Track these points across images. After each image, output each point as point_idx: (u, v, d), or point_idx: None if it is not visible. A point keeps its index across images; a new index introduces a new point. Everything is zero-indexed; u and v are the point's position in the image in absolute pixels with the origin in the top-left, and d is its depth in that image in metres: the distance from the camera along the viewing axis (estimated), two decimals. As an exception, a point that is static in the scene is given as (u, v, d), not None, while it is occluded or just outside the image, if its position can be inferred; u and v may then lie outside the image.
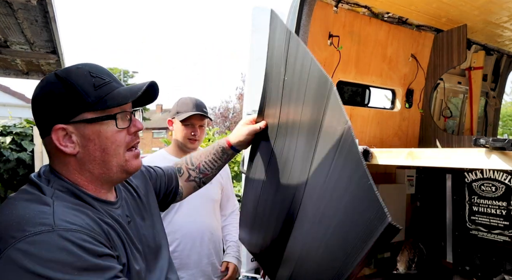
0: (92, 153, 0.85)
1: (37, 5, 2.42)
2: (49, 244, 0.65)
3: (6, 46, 3.40)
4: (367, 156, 2.16)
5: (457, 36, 2.95)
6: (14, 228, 0.66)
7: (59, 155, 0.85)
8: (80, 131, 0.84)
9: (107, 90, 0.86)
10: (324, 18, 2.55)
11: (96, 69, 0.88)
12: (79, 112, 0.83)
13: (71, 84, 0.83)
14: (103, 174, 0.87)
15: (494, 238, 2.40)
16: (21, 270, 0.61)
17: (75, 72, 0.86)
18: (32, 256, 0.63)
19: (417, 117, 3.26)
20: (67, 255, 0.64)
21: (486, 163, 1.66)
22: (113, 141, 0.86)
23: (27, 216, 0.69)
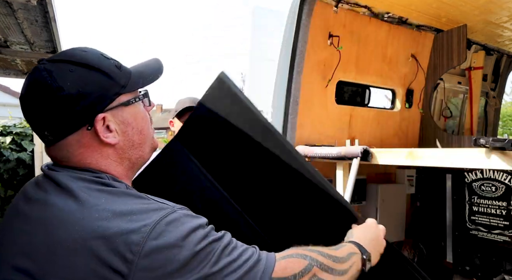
0: (131, 137, 0.79)
1: (37, 5, 2.41)
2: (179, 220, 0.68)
3: (6, 46, 3.39)
4: (367, 156, 2.16)
5: (457, 36, 2.95)
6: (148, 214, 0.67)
7: (94, 151, 0.75)
8: (119, 116, 0.76)
9: (127, 70, 0.80)
10: (324, 18, 2.55)
11: (100, 51, 0.80)
12: (116, 97, 0.76)
13: (100, 68, 0.74)
14: (139, 158, 0.82)
15: (494, 238, 2.40)
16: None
17: (90, 55, 0.76)
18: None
19: (417, 117, 3.26)
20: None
21: (486, 163, 1.66)
22: (146, 120, 0.83)
23: (145, 206, 0.69)
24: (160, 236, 0.64)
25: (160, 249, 0.63)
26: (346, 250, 0.85)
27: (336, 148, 2.23)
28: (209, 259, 0.66)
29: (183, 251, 0.64)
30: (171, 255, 0.63)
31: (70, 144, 0.73)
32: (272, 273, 0.70)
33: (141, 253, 0.62)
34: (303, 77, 2.48)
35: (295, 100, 2.46)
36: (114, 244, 0.62)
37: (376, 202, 2.80)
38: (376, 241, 0.97)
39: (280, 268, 0.72)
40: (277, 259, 0.73)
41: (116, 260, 0.62)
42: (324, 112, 2.70)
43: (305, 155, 2.37)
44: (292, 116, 2.46)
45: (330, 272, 0.77)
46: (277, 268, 0.71)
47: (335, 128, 2.77)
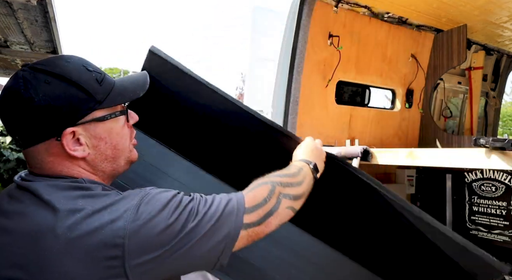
0: (104, 151, 0.80)
1: (37, 5, 2.41)
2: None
3: (6, 46, 3.40)
4: (367, 156, 2.16)
5: (457, 36, 2.95)
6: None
7: (64, 160, 0.76)
8: (91, 131, 0.77)
9: (109, 85, 0.81)
10: (324, 18, 2.55)
11: (86, 62, 0.81)
12: (89, 112, 0.76)
13: (77, 83, 0.74)
14: (114, 170, 0.84)
15: (494, 238, 2.40)
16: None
17: (72, 68, 0.76)
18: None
19: (417, 117, 3.26)
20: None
21: (486, 163, 1.66)
22: (122, 135, 0.84)
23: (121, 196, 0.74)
24: (142, 215, 0.69)
25: (145, 225, 0.68)
26: (296, 167, 0.99)
27: (336, 148, 2.23)
28: (189, 217, 0.73)
29: (165, 220, 0.70)
30: (157, 227, 0.69)
31: (39, 152, 0.75)
32: (245, 204, 0.80)
33: (128, 235, 0.67)
34: (303, 77, 2.48)
35: (295, 100, 2.46)
36: (101, 236, 0.66)
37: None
38: (316, 152, 1.11)
39: (250, 198, 0.82)
40: (245, 193, 0.83)
41: (107, 249, 0.66)
42: (324, 112, 2.70)
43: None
44: (292, 116, 2.46)
45: (290, 186, 0.91)
46: (247, 199, 0.81)
47: (335, 128, 2.77)
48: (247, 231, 0.79)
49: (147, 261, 0.68)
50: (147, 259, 0.68)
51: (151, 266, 0.68)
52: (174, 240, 0.70)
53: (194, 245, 0.72)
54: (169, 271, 0.73)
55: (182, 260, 0.72)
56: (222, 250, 0.75)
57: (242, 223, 0.78)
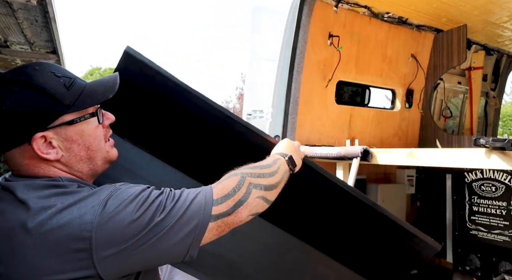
0: (78, 153, 0.83)
1: (37, 5, 2.41)
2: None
3: (6, 46, 3.40)
4: (367, 156, 2.16)
5: (457, 36, 2.95)
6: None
7: (40, 162, 0.80)
8: (62, 134, 0.80)
9: (78, 88, 0.83)
10: (324, 18, 2.55)
11: (56, 68, 0.83)
12: (58, 116, 0.79)
13: (42, 89, 0.77)
14: (91, 170, 0.87)
15: (494, 238, 2.40)
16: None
17: (39, 74, 0.79)
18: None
19: (417, 117, 3.26)
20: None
21: (486, 163, 1.66)
22: (95, 137, 0.86)
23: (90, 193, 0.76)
24: (109, 209, 0.72)
25: (112, 219, 0.71)
26: (270, 159, 1.02)
27: (336, 148, 2.23)
28: (157, 211, 0.75)
29: (132, 214, 0.73)
30: (124, 221, 0.72)
31: (15, 156, 0.80)
32: (213, 196, 0.82)
33: (95, 229, 0.70)
34: (303, 77, 2.48)
35: (295, 100, 2.46)
36: (70, 229, 0.70)
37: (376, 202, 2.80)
38: (292, 147, 1.13)
39: (218, 190, 0.84)
40: (213, 186, 0.85)
41: (75, 242, 0.70)
42: (324, 112, 2.70)
43: (305, 155, 2.37)
44: (292, 116, 2.46)
45: (262, 177, 0.91)
46: (216, 191, 0.83)
47: (335, 128, 2.77)
48: (216, 222, 0.81)
49: (115, 254, 0.71)
50: (114, 251, 0.71)
51: (119, 258, 0.71)
52: (141, 233, 0.72)
53: (161, 237, 0.74)
54: (138, 263, 0.75)
55: (150, 252, 0.74)
56: (190, 243, 0.78)
57: (210, 215, 0.80)
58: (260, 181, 0.90)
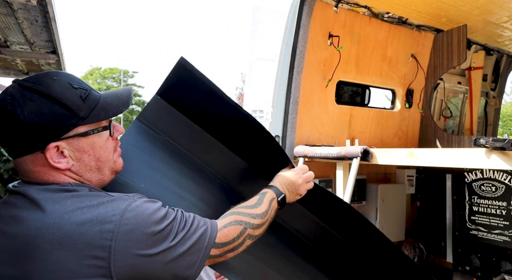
0: (88, 163, 0.85)
1: (37, 5, 2.42)
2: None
3: (6, 46, 3.40)
4: (367, 156, 2.16)
5: (457, 36, 2.95)
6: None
7: (50, 170, 0.82)
8: (74, 145, 0.82)
9: (93, 101, 0.85)
10: (324, 18, 2.55)
11: (73, 79, 0.85)
12: (72, 128, 0.81)
13: (60, 100, 0.79)
14: (99, 180, 0.89)
15: (494, 238, 2.40)
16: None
17: (57, 85, 0.81)
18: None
19: (417, 117, 3.26)
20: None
21: (486, 163, 1.66)
22: (105, 149, 0.88)
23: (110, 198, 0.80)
24: (128, 221, 0.75)
25: (131, 232, 0.75)
26: (266, 200, 1.05)
27: (336, 148, 2.23)
28: (169, 235, 0.81)
29: (149, 231, 0.77)
30: (140, 235, 0.76)
31: (26, 163, 0.81)
32: (216, 239, 0.88)
33: (116, 238, 0.73)
34: (303, 77, 2.48)
35: (295, 100, 2.46)
36: (89, 237, 0.72)
37: (376, 202, 2.80)
38: (293, 185, 1.14)
39: (222, 235, 0.90)
40: (219, 228, 0.91)
41: (94, 250, 0.72)
42: (324, 112, 2.70)
43: (305, 155, 2.37)
44: (292, 116, 2.46)
45: (259, 227, 0.99)
46: (219, 235, 0.89)
47: (335, 128, 2.77)
48: (209, 260, 0.89)
49: (130, 264, 0.75)
50: (130, 262, 0.75)
51: (134, 270, 0.75)
52: (155, 250, 0.78)
53: (171, 261, 0.80)
54: (148, 276, 0.79)
55: (160, 271, 0.79)
56: (193, 271, 0.85)
57: (209, 255, 0.87)
58: (256, 232, 0.98)
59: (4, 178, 3.79)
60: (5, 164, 3.79)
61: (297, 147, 2.45)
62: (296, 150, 2.44)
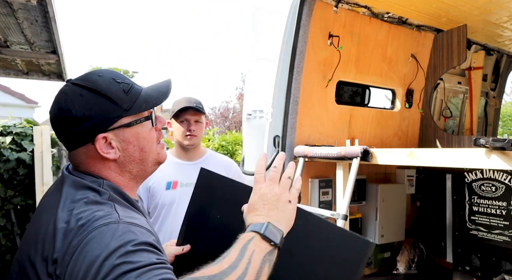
0: (132, 154, 0.90)
1: (37, 5, 2.41)
2: (116, 229, 0.72)
3: (6, 46, 3.40)
4: (367, 156, 2.16)
5: (457, 36, 2.95)
6: (90, 225, 0.74)
7: (96, 163, 0.88)
8: (120, 136, 0.88)
9: (135, 94, 0.91)
10: (324, 18, 2.55)
11: (116, 75, 0.93)
12: (117, 119, 0.87)
13: (105, 94, 0.86)
14: (141, 171, 0.94)
15: (494, 238, 2.40)
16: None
17: (102, 80, 0.89)
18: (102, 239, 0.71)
19: (417, 117, 3.26)
20: (131, 234, 0.72)
21: (486, 163, 1.66)
22: (148, 139, 0.93)
23: (97, 215, 0.76)
24: (89, 241, 0.70)
25: (83, 254, 0.69)
26: (236, 250, 0.73)
27: (336, 148, 2.23)
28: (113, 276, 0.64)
29: (98, 260, 0.66)
30: (89, 262, 0.67)
31: (79, 155, 0.89)
32: None
33: (69, 263, 0.69)
34: (303, 77, 2.48)
35: (295, 100, 2.46)
36: (63, 237, 0.73)
37: (376, 202, 2.80)
38: (270, 200, 0.83)
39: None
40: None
41: (55, 252, 0.73)
42: (324, 112, 2.70)
43: (305, 155, 2.37)
44: (292, 116, 2.46)
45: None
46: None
47: (335, 128, 2.77)
48: None
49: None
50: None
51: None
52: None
53: None
54: None
55: None
56: None
57: None
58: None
59: (4, 178, 3.79)
60: (5, 164, 3.79)
61: (297, 147, 2.45)
62: (296, 150, 2.44)
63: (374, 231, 2.79)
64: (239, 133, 7.91)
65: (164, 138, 10.86)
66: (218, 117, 19.96)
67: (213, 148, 7.22)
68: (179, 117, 1.98)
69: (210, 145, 7.17)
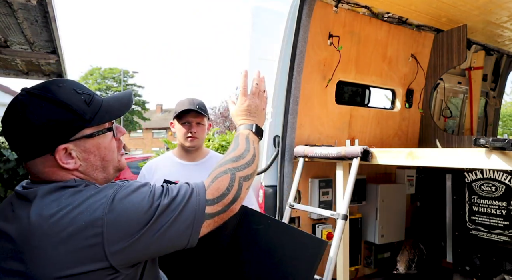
0: (94, 163, 0.92)
1: (37, 5, 2.42)
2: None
3: (6, 46, 3.40)
4: (367, 156, 2.16)
5: (457, 36, 2.95)
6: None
7: (58, 172, 0.88)
8: (81, 146, 0.89)
9: (97, 104, 0.91)
10: (324, 18, 2.55)
11: (77, 85, 0.92)
12: (79, 130, 0.88)
13: (66, 105, 0.86)
14: (105, 178, 0.95)
15: (494, 238, 2.40)
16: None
17: (62, 91, 0.88)
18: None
19: (417, 117, 3.26)
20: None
21: (486, 163, 1.66)
22: (109, 149, 0.94)
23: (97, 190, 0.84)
24: (116, 204, 0.80)
25: (121, 214, 0.79)
26: (242, 140, 1.07)
27: (336, 148, 2.23)
28: (155, 213, 0.82)
29: (139, 209, 0.81)
30: (131, 216, 0.80)
31: (37, 165, 0.88)
32: (207, 196, 0.89)
33: (106, 224, 0.77)
34: (303, 77, 2.48)
35: (295, 100, 2.46)
36: (81, 227, 0.77)
37: (376, 202, 2.80)
38: (252, 109, 1.17)
39: (212, 191, 0.91)
40: (206, 185, 0.92)
41: (89, 238, 0.76)
42: (324, 112, 2.70)
43: (305, 155, 2.37)
44: (292, 116, 2.46)
45: (247, 166, 1.00)
46: (209, 191, 0.91)
47: (335, 128, 2.77)
48: (213, 219, 0.90)
49: (125, 247, 0.79)
50: (124, 244, 0.78)
51: (129, 250, 0.79)
52: (146, 227, 0.80)
53: (164, 231, 0.83)
54: (145, 254, 0.84)
55: (155, 244, 0.83)
56: (189, 235, 0.87)
57: (204, 214, 0.88)
58: (247, 172, 0.99)
59: (4, 178, 3.79)
60: (5, 164, 3.79)
61: (297, 147, 2.45)
62: (296, 150, 2.44)
63: (374, 231, 2.80)
64: (239, 133, 7.87)
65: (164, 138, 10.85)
66: (218, 117, 19.94)
67: (213, 148, 7.21)
68: (181, 118, 1.99)
69: (210, 145, 7.17)
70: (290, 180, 2.42)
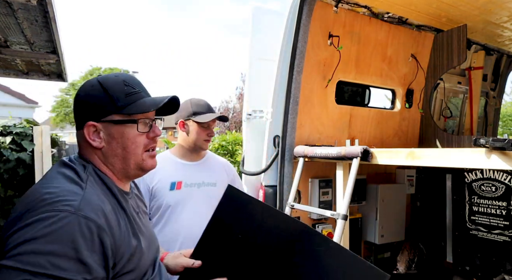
0: (115, 149, 0.99)
1: (37, 5, 2.42)
2: (66, 224, 0.79)
3: (6, 46, 3.40)
4: (367, 156, 2.16)
5: (457, 36, 2.95)
6: (45, 201, 0.81)
7: (88, 147, 0.99)
8: (108, 129, 0.98)
9: (135, 98, 1.00)
10: (324, 18, 2.55)
11: (130, 80, 1.03)
12: (109, 114, 0.97)
13: (106, 89, 0.98)
14: (122, 169, 1.01)
15: (494, 238, 2.40)
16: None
17: (112, 79, 1.01)
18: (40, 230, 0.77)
19: (417, 117, 3.26)
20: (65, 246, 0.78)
21: (486, 163, 1.66)
22: (133, 141, 1.00)
23: (60, 193, 0.84)
24: (28, 224, 0.77)
25: (17, 233, 0.76)
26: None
27: (336, 148, 2.23)
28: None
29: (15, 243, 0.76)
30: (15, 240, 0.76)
31: (79, 135, 1.01)
32: None
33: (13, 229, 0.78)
34: (303, 77, 2.48)
35: (295, 100, 2.46)
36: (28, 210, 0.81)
37: (376, 202, 2.80)
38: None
39: None
40: None
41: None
42: (324, 112, 2.70)
43: (305, 155, 2.37)
44: (292, 116, 2.46)
45: None
46: None
47: (335, 128, 2.77)
48: None
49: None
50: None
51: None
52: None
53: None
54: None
55: None
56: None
57: None
58: None
59: (4, 178, 3.79)
60: (5, 164, 3.79)
61: (297, 147, 2.45)
62: (296, 150, 2.44)
63: (374, 231, 2.80)
64: (239, 133, 7.91)
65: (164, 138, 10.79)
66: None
67: (213, 148, 7.22)
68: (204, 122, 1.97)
69: (210, 145, 7.18)
70: (290, 180, 2.42)
